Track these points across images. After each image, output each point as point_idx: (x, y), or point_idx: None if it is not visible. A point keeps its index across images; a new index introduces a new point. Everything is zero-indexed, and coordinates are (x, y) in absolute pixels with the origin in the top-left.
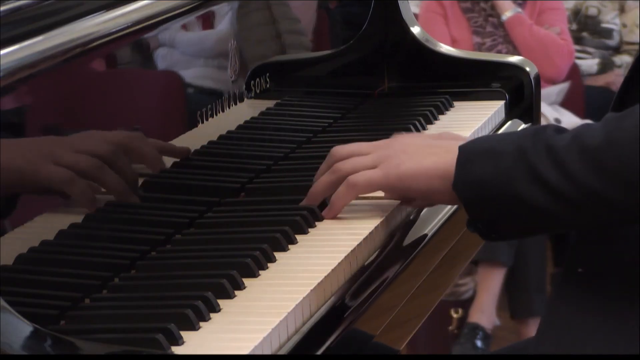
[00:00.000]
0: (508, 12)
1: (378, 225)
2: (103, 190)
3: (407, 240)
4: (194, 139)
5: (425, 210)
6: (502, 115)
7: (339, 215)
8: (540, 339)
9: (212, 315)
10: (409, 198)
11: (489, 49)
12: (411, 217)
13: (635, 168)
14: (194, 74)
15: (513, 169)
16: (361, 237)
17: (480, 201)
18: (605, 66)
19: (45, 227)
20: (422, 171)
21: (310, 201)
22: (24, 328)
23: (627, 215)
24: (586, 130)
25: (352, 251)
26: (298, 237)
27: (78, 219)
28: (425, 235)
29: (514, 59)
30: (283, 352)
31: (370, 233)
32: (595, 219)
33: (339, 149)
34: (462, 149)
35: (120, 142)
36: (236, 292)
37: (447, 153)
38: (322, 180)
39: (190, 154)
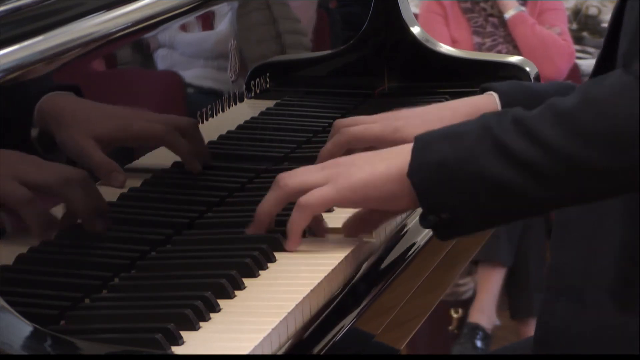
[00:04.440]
0: (511, 10)
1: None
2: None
3: (408, 240)
4: None
5: None
6: None
7: (338, 216)
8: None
9: (212, 315)
10: (368, 210)
11: (489, 49)
12: (412, 217)
13: (616, 126)
14: (194, 74)
15: (475, 146)
16: (360, 239)
17: (439, 186)
18: None
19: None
20: (375, 177)
21: (257, 226)
22: (24, 328)
23: (610, 183)
24: (558, 99)
25: (352, 251)
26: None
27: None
28: (426, 235)
29: (514, 59)
30: (283, 352)
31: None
32: (572, 191)
33: (285, 176)
34: (419, 136)
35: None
36: (236, 292)
37: (400, 155)
38: (266, 198)
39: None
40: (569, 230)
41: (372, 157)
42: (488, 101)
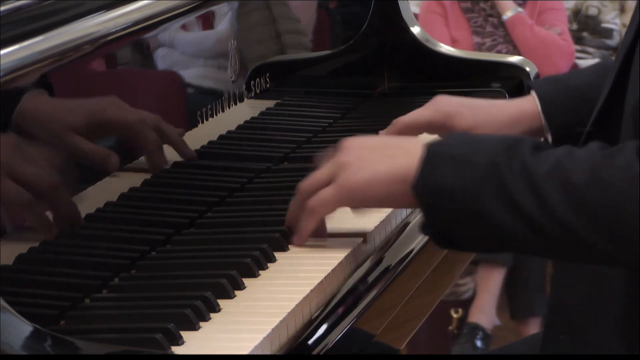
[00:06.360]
0: (509, 11)
1: (379, 225)
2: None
3: (408, 240)
4: (194, 139)
5: None
6: None
7: (338, 217)
8: None
9: (212, 315)
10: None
11: (489, 49)
12: (411, 217)
13: (621, 212)
14: (194, 74)
15: (482, 184)
16: (361, 238)
17: (441, 210)
18: None
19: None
20: (376, 178)
21: (290, 226)
22: (24, 328)
23: (602, 258)
24: (570, 162)
25: (352, 251)
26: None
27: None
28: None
29: (514, 59)
30: (283, 352)
31: (372, 233)
32: (566, 254)
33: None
34: (429, 149)
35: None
36: (236, 292)
37: (406, 155)
38: (290, 206)
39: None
40: (571, 268)
41: (375, 152)
42: (531, 104)
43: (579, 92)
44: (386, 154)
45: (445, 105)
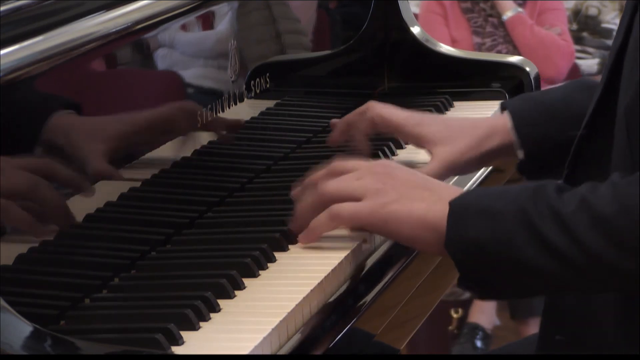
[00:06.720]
0: (509, 11)
1: None
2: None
3: None
4: (194, 139)
5: None
6: None
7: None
8: None
9: (212, 315)
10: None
11: (489, 49)
12: None
13: None
14: (194, 74)
15: (514, 232)
16: (361, 238)
17: (476, 263)
18: None
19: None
20: (409, 218)
21: (297, 223)
22: (24, 328)
23: (634, 284)
24: (594, 197)
25: (352, 251)
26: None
27: (78, 218)
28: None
29: (514, 59)
30: (283, 352)
31: (372, 233)
32: (604, 286)
33: (324, 180)
34: (453, 205)
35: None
36: (236, 292)
37: (437, 202)
38: (305, 201)
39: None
40: None
41: (414, 190)
42: (503, 121)
43: (550, 108)
44: (421, 196)
45: (420, 115)
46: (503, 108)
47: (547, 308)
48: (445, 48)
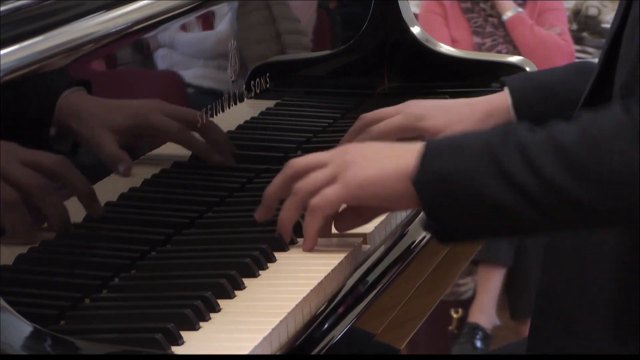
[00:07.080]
0: (509, 11)
1: (379, 225)
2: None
3: (408, 240)
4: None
5: None
6: None
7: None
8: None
9: (212, 315)
10: (369, 206)
11: (489, 49)
12: (411, 217)
13: (610, 167)
14: (194, 74)
15: (476, 163)
16: (361, 238)
17: (439, 197)
18: None
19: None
20: (384, 175)
21: (283, 228)
22: (24, 328)
23: (596, 219)
24: (558, 129)
25: (352, 251)
26: (298, 237)
27: (78, 218)
28: (426, 235)
29: (514, 59)
30: (283, 352)
31: (372, 233)
32: (563, 221)
33: (295, 162)
34: (427, 143)
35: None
36: (236, 292)
37: (409, 155)
38: (286, 206)
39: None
40: (560, 253)
41: (380, 152)
42: (502, 99)
43: (549, 88)
44: (392, 154)
45: (416, 108)
46: (502, 84)
47: (540, 293)
48: (445, 48)
